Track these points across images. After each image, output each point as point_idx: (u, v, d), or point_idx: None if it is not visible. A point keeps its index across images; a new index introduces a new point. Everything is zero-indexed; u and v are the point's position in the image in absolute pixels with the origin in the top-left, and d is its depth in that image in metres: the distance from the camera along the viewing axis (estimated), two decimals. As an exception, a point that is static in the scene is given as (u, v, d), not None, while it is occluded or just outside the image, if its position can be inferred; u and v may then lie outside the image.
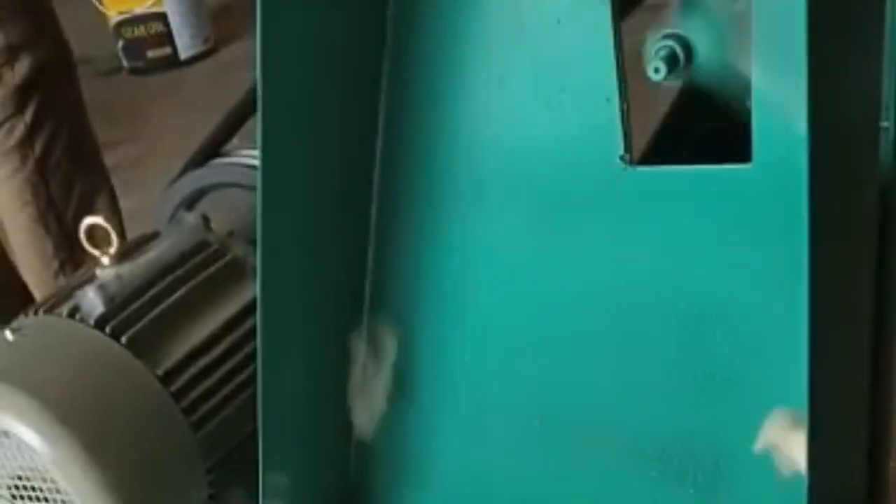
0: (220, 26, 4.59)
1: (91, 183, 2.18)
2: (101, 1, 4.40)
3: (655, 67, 0.97)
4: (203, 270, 1.33)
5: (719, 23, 1.02)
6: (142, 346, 1.24)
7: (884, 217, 1.07)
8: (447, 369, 1.14)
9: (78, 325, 1.24)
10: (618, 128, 0.99)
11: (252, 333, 1.09)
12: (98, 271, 1.30)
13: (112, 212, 2.21)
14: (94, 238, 1.29)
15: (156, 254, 1.33)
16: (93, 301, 1.24)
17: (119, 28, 4.44)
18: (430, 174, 1.09)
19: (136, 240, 1.39)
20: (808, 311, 0.93)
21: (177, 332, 1.28)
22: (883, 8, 1.03)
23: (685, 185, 0.99)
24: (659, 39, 0.97)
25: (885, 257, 1.07)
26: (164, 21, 4.41)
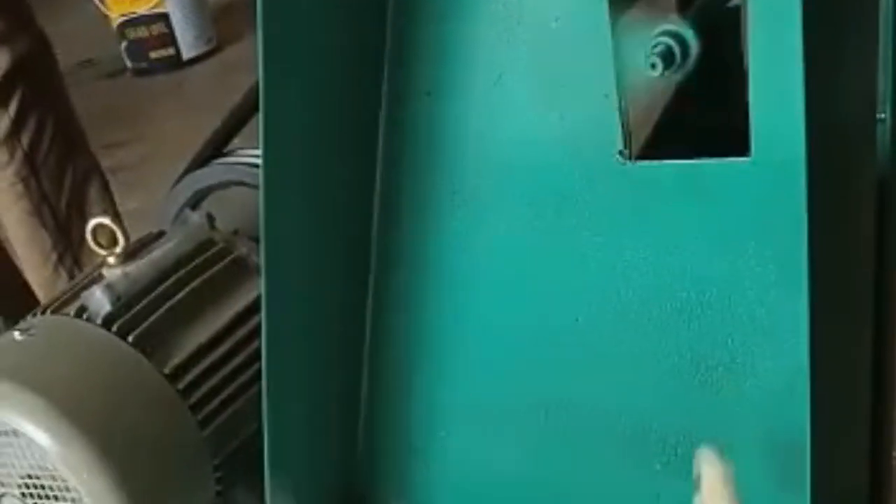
0: (222, 26, 4.59)
1: (81, 170, 2.18)
2: (103, 2, 4.41)
3: (652, 63, 0.97)
4: (208, 269, 1.35)
5: (716, 17, 1.02)
6: (149, 344, 1.25)
7: (881, 208, 1.07)
8: (451, 361, 1.15)
9: (85, 325, 1.26)
10: (617, 123, 1.00)
11: (258, 330, 1.09)
12: (105, 271, 1.31)
13: (103, 196, 2.21)
14: (99, 238, 1.30)
15: (161, 253, 1.34)
16: (100, 300, 1.25)
17: (122, 29, 4.45)
18: (431, 170, 1.10)
19: (142, 239, 1.40)
20: (808, 303, 0.94)
21: (183, 330, 1.29)
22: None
23: (684, 180, 1.00)
24: (656, 35, 0.98)
25: (883, 248, 1.07)
26: (167, 22, 4.42)
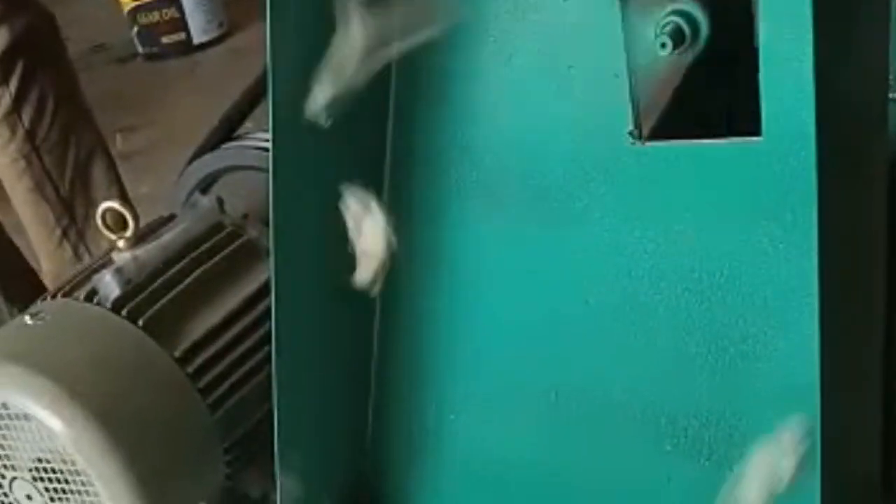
0: (233, 11, 4.59)
1: (85, 147, 2.17)
2: (114, -13, 4.41)
3: (662, 43, 0.97)
4: (218, 252, 1.35)
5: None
6: (159, 328, 1.25)
7: (893, 188, 1.07)
8: (461, 344, 1.14)
9: (95, 309, 1.26)
10: (627, 104, 1.00)
11: (268, 314, 1.09)
12: (114, 255, 1.31)
13: (108, 174, 2.20)
14: (109, 221, 1.30)
15: (171, 237, 1.34)
16: (110, 284, 1.26)
17: (133, 14, 4.44)
18: (440, 152, 1.10)
19: (152, 223, 1.40)
20: (819, 284, 0.93)
21: (193, 313, 1.29)
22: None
23: (695, 161, 0.99)
24: (666, 15, 0.97)
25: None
26: (178, 6, 4.41)
